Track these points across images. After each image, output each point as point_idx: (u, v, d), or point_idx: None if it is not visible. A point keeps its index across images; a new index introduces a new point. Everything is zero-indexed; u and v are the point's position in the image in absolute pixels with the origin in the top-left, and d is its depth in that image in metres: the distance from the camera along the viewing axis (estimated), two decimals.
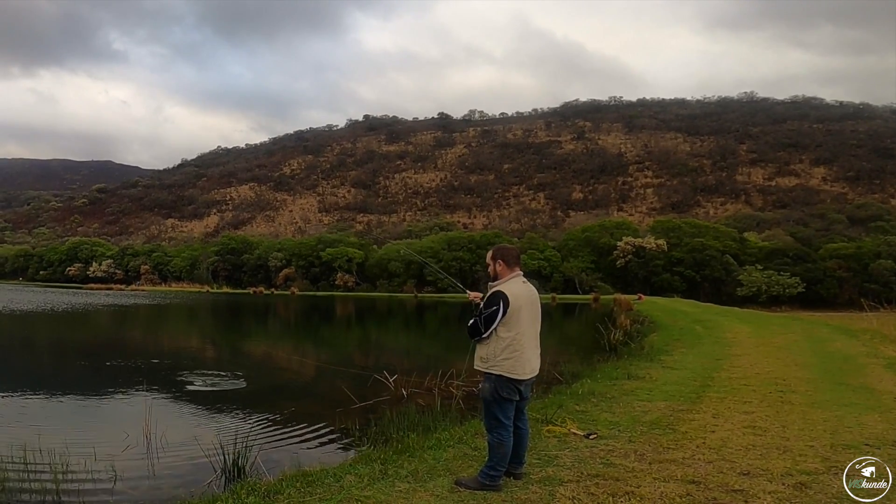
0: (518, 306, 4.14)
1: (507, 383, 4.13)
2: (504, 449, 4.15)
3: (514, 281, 4.27)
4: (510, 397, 4.17)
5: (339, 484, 4.33)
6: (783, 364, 10.52)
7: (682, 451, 5.07)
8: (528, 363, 4.22)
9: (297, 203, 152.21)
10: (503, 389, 4.13)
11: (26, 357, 15.38)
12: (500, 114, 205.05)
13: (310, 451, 6.54)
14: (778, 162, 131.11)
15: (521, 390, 4.23)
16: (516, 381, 4.15)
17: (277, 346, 19.23)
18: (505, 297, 4.09)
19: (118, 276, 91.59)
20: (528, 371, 4.22)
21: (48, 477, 5.19)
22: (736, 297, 58.15)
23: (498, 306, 4.07)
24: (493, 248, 4.45)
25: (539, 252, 71.97)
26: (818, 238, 75.31)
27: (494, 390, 4.14)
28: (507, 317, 4.10)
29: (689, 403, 7.06)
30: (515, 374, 4.13)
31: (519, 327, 4.16)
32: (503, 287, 4.18)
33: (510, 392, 4.16)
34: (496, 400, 4.16)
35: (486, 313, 4.10)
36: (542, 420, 6.11)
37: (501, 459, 4.15)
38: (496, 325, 4.09)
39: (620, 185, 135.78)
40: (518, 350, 4.13)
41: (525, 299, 4.24)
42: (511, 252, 4.41)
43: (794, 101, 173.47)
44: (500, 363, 4.11)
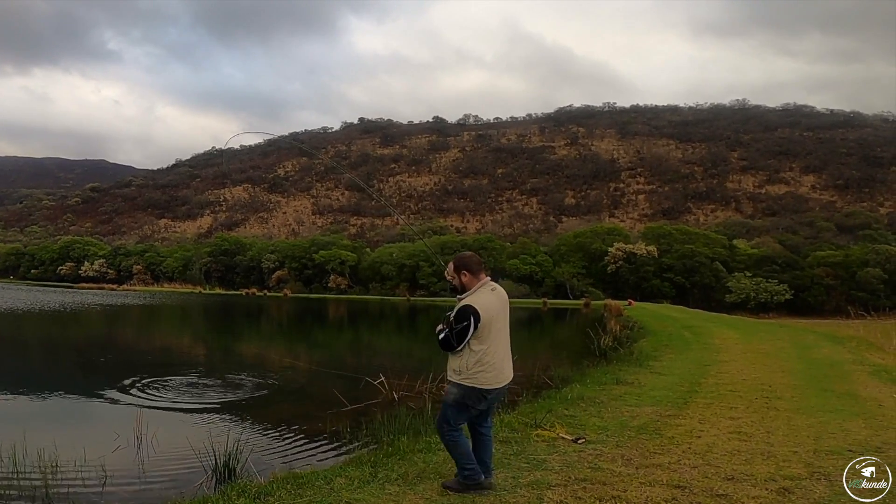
0: (489, 318, 4.05)
1: (477, 394, 4.09)
2: (461, 448, 4.15)
3: (483, 290, 4.16)
4: (474, 406, 4.13)
5: (329, 486, 4.35)
6: (770, 370, 10.61)
7: (668, 455, 5.12)
8: (501, 373, 4.17)
9: (290, 205, 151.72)
10: (470, 398, 4.10)
11: (15, 356, 15.24)
12: (494, 118, 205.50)
13: (301, 453, 6.55)
14: (768, 169, 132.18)
15: (489, 399, 4.18)
16: (486, 392, 4.10)
17: (269, 348, 19.18)
18: (475, 311, 3.99)
19: (110, 276, 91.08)
20: (500, 380, 4.16)
21: (37, 477, 5.18)
22: (725, 304, 58.57)
23: (469, 322, 3.97)
24: (454, 260, 4.29)
25: (531, 257, 72.20)
26: (806, 246, 75.88)
27: (461, 397, 4.10)
28: (479, 330, 4.01)
29: (677, 409, 7.12)
30: (488, 385, 4.09)
31: (490, 339, 4.08)
32: (472, 300, 4.07)
33: (476, 401, 4.12)
34: (457, 405, 4.12)
35: (458, 328, 4.00)
36: (532, 424, 6.15)
37: (464, 456, 4.14)
38: (468, 339, 4.01)
39: (612, 191, 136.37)
40: (491, 362, 4.07)
41: (495, 309, 4.14)
42: (473, 260, 4.26)
43: (786, 108, 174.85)
44: (474, 375, 4.06)
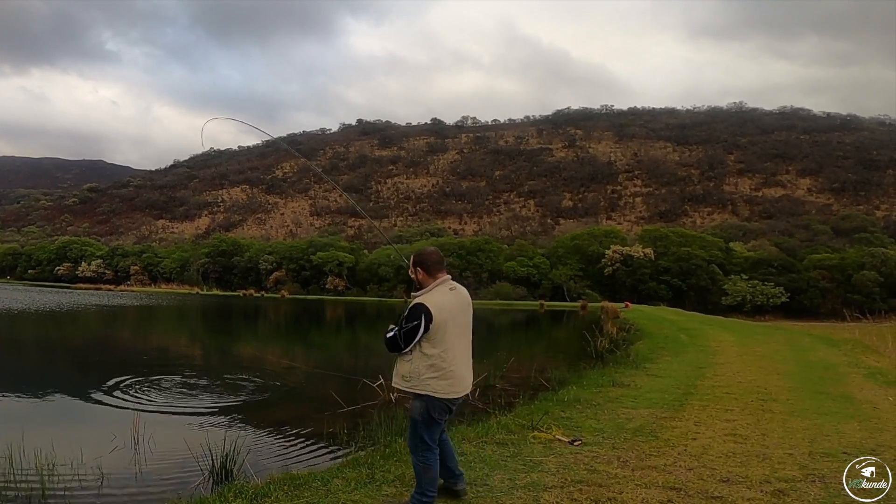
0: (443, 319, 3.74)
1: (440, 403, 3.81)
2: (432, 473, 3.86)
3: (439, 289, 3.85)
4: (440, 419, 3.88)
5: (326, 488, 4.35)
6: (765, 373, 10.64)
7: (663, 457, 5.14)
8: (460, 381, 3.88)
9: (288, 206, 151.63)
10: (435, 410, 3.82)
11: (12, 356, 15.17)
12: (492, 120, 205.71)
13: (298, 454, 6.56)
14: (765, 172, 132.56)
15: (453, 409, 3.93)
16: (448, 402, 3.84)
17: (267, 350, 19.14)
18: (427, 310, 3.70)
19: (108, 277, 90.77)
20: (460, 389, 3.89)
21: (34, 477, 5.18)
22: (721, 307, 58.65)
23: (419, 321, 3.69)
24: (413, 255, 4.00)
25: (528, 259, 72.26)
26: (803, 248, 76.07)
27: (426, 410, 3.82)
28: (431, 332, 3.72)
29: (672, 411, 7.14)
30: (446, 395, 3.80)
31: (445, 343, 3.78)
32: (425, 298, 3.78)
33: (441, 413, 3.85)
34: (425, 421, 3.83)
35: (407, 328, 3.71)
36: (529, 426, 6.17)
37: (430, 483, 3.86)
38: (417, 340, 3.73)
39: (610, 194, 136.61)
40: (446, 368, 3.78)
41: (451, 310, 3.83)
42: (430, 257, 3.95)
43: (782, 111, 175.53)
44: (427, 382, 3.76)
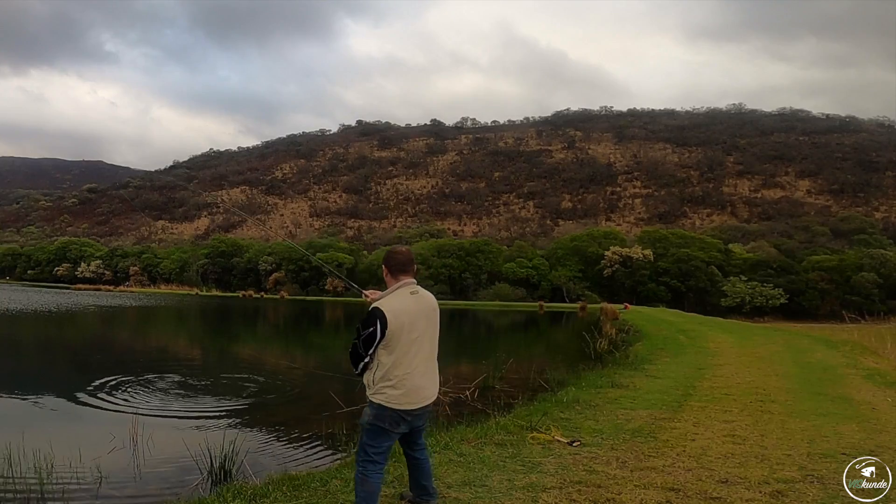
0: (399, 325, 3.50)
1: (391, 413, 3.55)
2: (369, 487, 3.55)
3: (399, 293, 3.64)
4: (390, 429, 3.58)
5: (325, 488, 4.36)
6: (764, 374, 10.64)
7: (662, 458, 5.14)
8: (417, 392, 3.61)
9: (288, 207, 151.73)
10: (383, 420, 3.56)
11: (11, 357, 15.18)
12: (491, 121, 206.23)
13: (297, 455, 6.56)
14: (764, 174, 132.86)
15: (409, 422, 3.64)
16: (402, 412, 3.57)
17: (266, 351, 19.15)
18: (382, 315, 3.47)
19: (107, 277, 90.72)
20: (415, 401, 3.60)
21: (32, 477, 5.18)
22: (720, 308, 58.73)
23: (374, 327, 3.47)
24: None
25: (527, 260, 72.31)
26: (802, 250, 76.23)
27: (374, 418, 3.58)
28: (387, 339, 3.50)
29: (671, 412, 7.13)
30: (399, 405, 3.54)
31: (401, 349, 3.54)
32: (382, 303, 3.56)
33: (392, 423, 3.57)
34: (372, 430, 3.59)
35: (364, 335, 3.50)
36: (527, 427, 6.17)
37: (366, 499, 3.56)
38: (375, 348, 3.52)
39: (609, 195, 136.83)
40: (400, 376, 3.53)
41: (410, 315, 3.58)
42: (395, 257, 3.74)
43: (782, 113, 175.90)
44: (381, 391, 3.54)
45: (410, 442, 3.85)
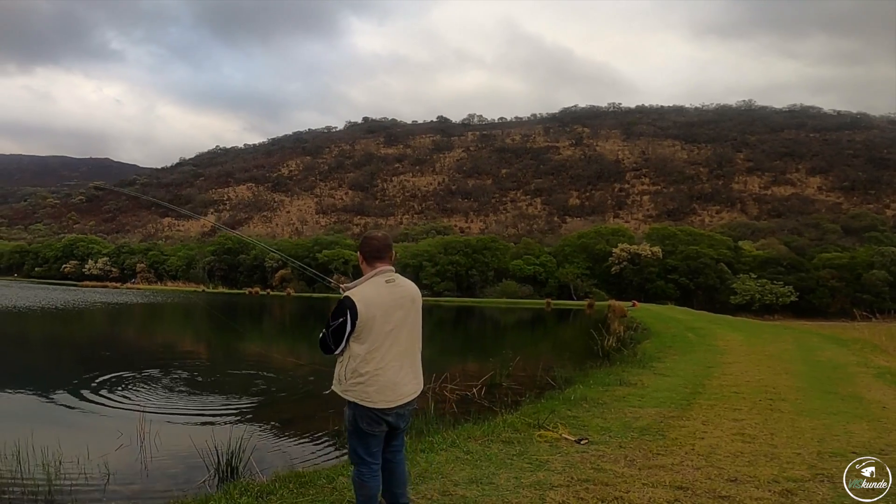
0: (370, 316, 3.24)
1: (367, 413, 3.31)
2: (366, 490, 3.41)
3: (373, 281, 3.37)
4: (371, 430, 3.35)
5: (331, 485, 4.35)
6: (774, 372, 10.57)
7: (671, 457, 5.11)
8: (393, 388, 3.35)
9: (294, 204, 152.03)
10: (362, 420, 3.33)
11: (19, 354, 15.30)
12: (498, 118, 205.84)
13: (303, 452, 6.56)
14: (774, 171, 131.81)
15: (390, 421, 3.39)
16: (378, 412, 3.32)
17: (272, 348, 19.19)
18: (352, 305, 3.22)
19: (114, 274, 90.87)
20: (392, 398, 3.34)
21: (41, 474, 5.20)
22: (729, 306, 58.36)
23: (344, 317, 3.23)
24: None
25: (535, 257, 72.11)
26: (812, 247, 75.60)
27: (353, 419, 3.36)
28: (357, 330, 3.25)
29: (680, 410, 7.10)
30: (372, 403, 3.29)
31: (373, 343, 3.29)
32: (353, 292, 3.31)
33: (371, 424, 3.33)
34: (356, 432, 3.38)
35: (333, 325, 3.27)
36: (535, 425, 6.15)
37: (365, 502, 3.44)
38: (346, 341, 3.29)
39: (617, 192, 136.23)
40: (372, 371, 3.29)
41: (384, 305, 3.31)
42: (369, 242, 3.47)
43: (792, 109, 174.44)
44: (353, 388, 3.31)
45: (385, 441, 3.50)
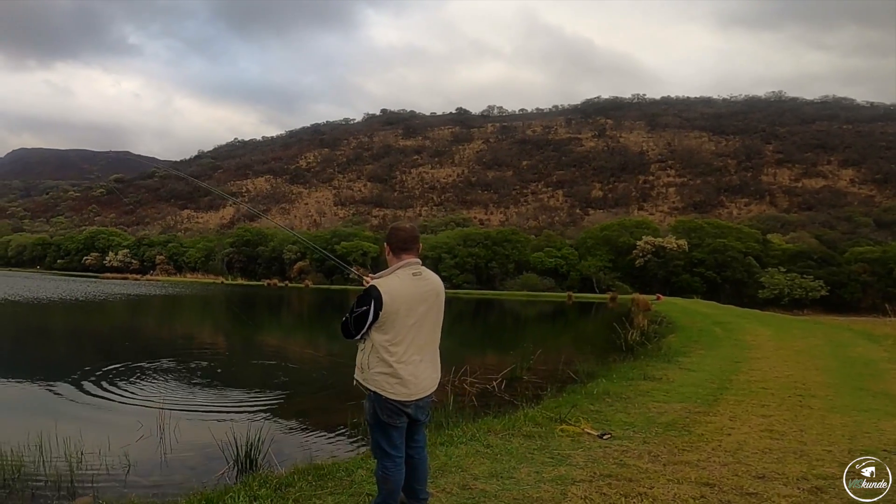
0: (395, 308, 3.26)
1: (387, 404, 3.32)
2: (390, 484, 3.41)
3: (400, 273, 3.38)
4: (392, 423, 3.35)
5: (350, 478, 4.33)
6: (803, 368, 10.34)
7: (697, 453, 5.02)
8: (415, 381, 3.36)
9: (312, 196, 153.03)
10: (383, 411, 3.33)
11: (43, 346, 15.57)
12: (519, 110, 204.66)
13: (322, 444, 6.55)
14: (805, 163, 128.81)
15: (410, 413, 3.38)
16: (398, 403, 3.33)
17: (290, 339, 19.33)
18: (378, 295, 3.24)
19: (134, 266, 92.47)
20: (414, 391, 3.35)
21: (63, 464, 5.28)
22: (757, 300, 57.27)
23: (368, 306, 3.25)
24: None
25: (556, 250, 71.60)
26: (844, 241, 73.81)
27: (373, 411, 3.37)
28: (381, 320, 3.27)
29: (706, 406, 6.98)
30: (394, 395, 3.31)
31: (397, 335, 3.31)
32: (380, 282, 3.32)
33: (392, 416, 3.34)
34: (378, 424, 3.38)
35: (357, 313, 3.29)
36: (556, 419, 6.09)
37: (389, 496, 3.43)
38: (367, 328, 3.31)
39: (641, 184, 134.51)
40: (394, 363, 3.30)
41: (409, 298, 3.33)
42: (397, 233, 3.47)
43: (824, 101, 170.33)
44: (374, 378, 3.33)
45: (406, 436, 3.49)
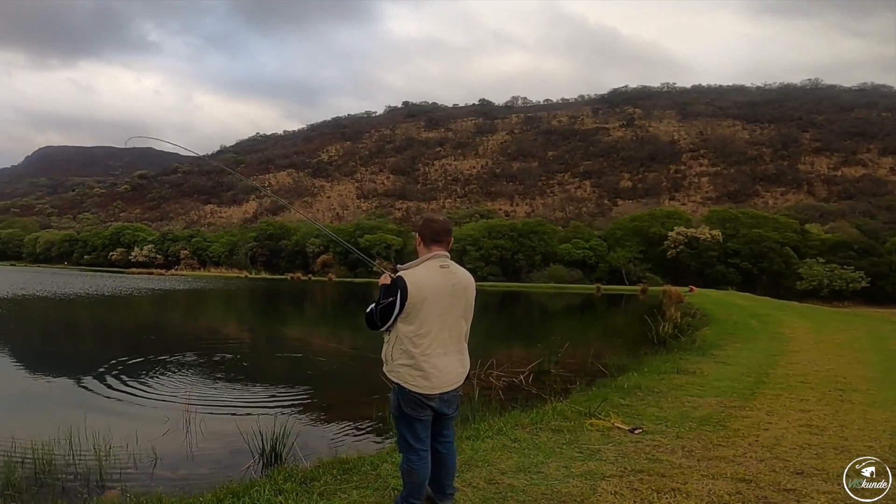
0: (421, 299, 3.23)
1: (410, 396, 3.29)
2: (415, 478, 3.37)
3: (428, 265, 3.33)
4: (416, 416, 3.32)
5: (375, 472, 4.30)
6: (844, 362, 9.98)
7: (732, 448, 4.87)
8: (439, 374, 3.31)
9: (335, 189, 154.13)
10: (406, 404, 3.31)
11: (71, 340, 15.86)
12: (543, 100, 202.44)
13: (347, 438, 6.53)
14: (844, 151, 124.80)
15: (434, 406, 3.34)
16: (422, 396, 3.29)
17: (314, 333, 19.41)
18: (404, 286, 3.22)
19: (159, 261, 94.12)
20: (437, 384, 3.30)
21: (92, 458, 5.35)
22: (795, 292, 55.69)
23: (394, 298, 3.23)
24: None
25: (584, 241, 70.79)
26: (885, 231, 71.33)
27: (397, 403, 3.35)
28: (406, 312, 3.24)
29: (742, 400, 6.77)
30: (416, 387, 3.27)
31: (422, 327, 3.27)
32: (407, 273, 3.29)
33: (415, 408, 3.30)
34: (402, 417, 3.36)
35: (383, 304, 3.28)
36: (586, 413, 5.96)
37: (414, 490, 3.40)
38: (393, 320, 3.28)
39: (673, 174, 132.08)
40: (419, 356, 3.27)
41: (435, 289, 3.28)
42: (430, 225, 3.42)
43: (862, 88, 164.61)
44: (397, 369, 3.31)
45: (435, 431, 3.46)
